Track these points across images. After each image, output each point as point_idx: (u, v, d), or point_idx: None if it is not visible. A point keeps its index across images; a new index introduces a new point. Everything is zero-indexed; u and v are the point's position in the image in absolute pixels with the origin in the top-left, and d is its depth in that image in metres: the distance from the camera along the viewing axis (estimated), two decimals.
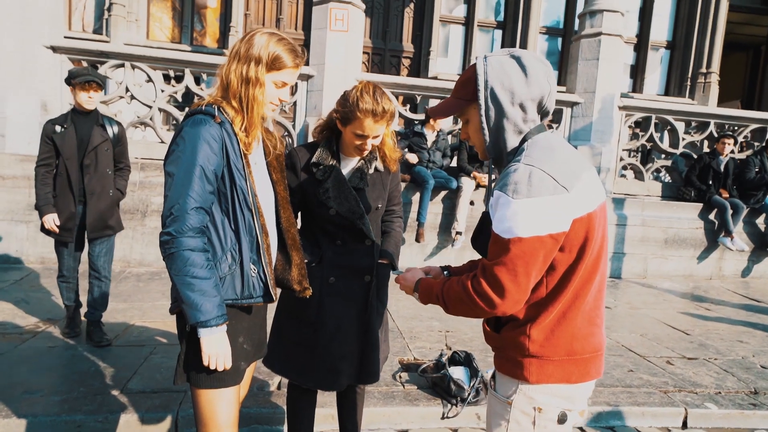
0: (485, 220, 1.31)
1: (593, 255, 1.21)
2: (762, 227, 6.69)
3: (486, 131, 1.25)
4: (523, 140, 1.24)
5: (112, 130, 3.49)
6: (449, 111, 1.33)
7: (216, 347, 1.39)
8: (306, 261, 1.80)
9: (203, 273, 1.37)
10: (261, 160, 1.62)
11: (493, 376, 1.38)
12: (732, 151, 6.95)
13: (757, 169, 6.55)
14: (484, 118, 1.24)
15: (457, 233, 5.72)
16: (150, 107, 5.97)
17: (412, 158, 5.85)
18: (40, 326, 3.64)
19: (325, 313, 1.88)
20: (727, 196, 6.52)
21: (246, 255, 1.48)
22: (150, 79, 5.98)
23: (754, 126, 7.57)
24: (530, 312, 1.23)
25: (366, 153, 1.87)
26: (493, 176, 1.49)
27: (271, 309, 1.82)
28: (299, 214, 1.99)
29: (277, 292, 1.57)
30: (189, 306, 1.36)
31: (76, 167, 3.34)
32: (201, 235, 1.40)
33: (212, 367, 1.40)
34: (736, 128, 7.60)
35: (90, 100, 3.35)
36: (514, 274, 1.13)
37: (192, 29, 8.37)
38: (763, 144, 7.42)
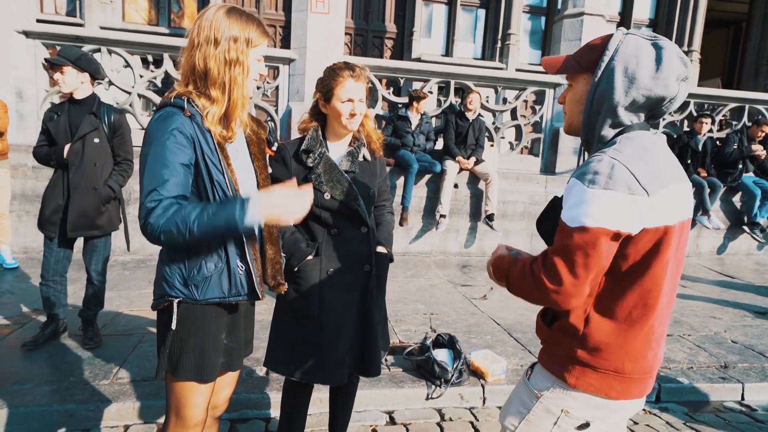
0: (554, 205, 1.26)
1: (661, 273, 1.13)
2: (738, 205, 6.86)
3: (587, 107, 1.16)
4: (621, 132, 1.15)
5: (107, 119, 3.17)
6: (562, 68, 1.21)
7: (279, 206, 1.35)
8: (288, 253, 1.83)
9: (201, 212, 1.29)
10: (243, 147, 1.59)
11: (532, 366, 1.35)
12: (710, 130, 7.07)
13: (735, 146, 6.68)
14: (591, 94, 1.15)
15: (441, 216, 5.78)
16: (129, 93, 5.87)
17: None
18: (28, 317, 3.64)
19: (327, 306, 1.90)
20: (705, 174, 6.66)
21: (232, 252, 1.47)
22: (128, 64, 5.86)
23: (732, 105, 7.70)
24: (586, 312, 1.17)
25: (356, 122, 1.88)
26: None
27: (268, 308, 1.86)
28: None
29: (263, 290, 1.56)
30: (227, 231, 1.32)
31: (75, 160, 3.07)
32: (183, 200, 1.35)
33: (295, 208, 1.36)
34: (715, 107, 7.73)
35: (57, 82, 3.05)
36: (571, 264, 1.08)
37: (169, 11, 8.17)
38: (743, 122, 7.57)
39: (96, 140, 3.12)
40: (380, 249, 2.02)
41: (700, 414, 3.01)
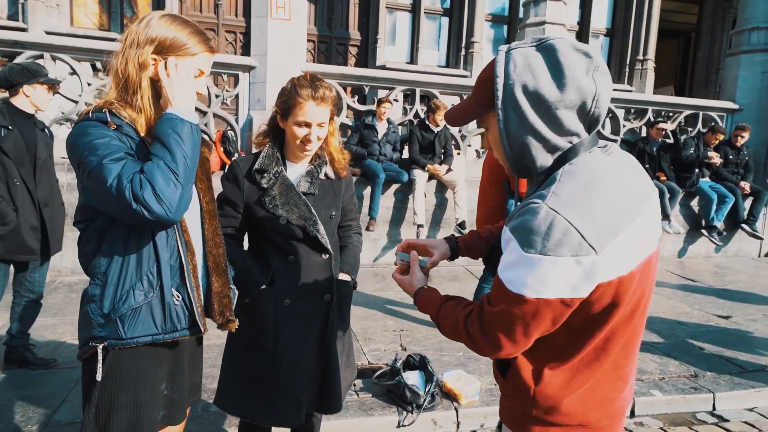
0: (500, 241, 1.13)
1: (622, 318, 0.99)
2: (696, 209, 7.04)
3: (507, 147, 0.98)
4: (562, 159, 0.97)
5: (49, 133, 3.13)
6: (465, 118, 1.09)
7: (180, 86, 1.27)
8: (239, 282, 1.64)
9: (163, 152, 1.20)
10: None
11: (500, 426, 1.21)
12: (666, 136, 7.25)
13: (692, 150, 6.86)
14: (503, 132, 0.96)
15: (419, 226, 5.67)
16: (76, 102, 5.50)
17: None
18: None
19: (282, 340, 1.72)
20: (665, 179, 6.81)
21: (166, 279, 1.28)
22: (74, 72, 5.50)
23: (687, 112, 7.95)
24: (536, 366, 1.04)
25: (312, 149, 1.72)
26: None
27: (213, 331, 1.66)
28: (245, 235, 1.83)
29: (206, 322, 1.37)
30: (186, 134, 1.23)
31: (32, 177, 2.91)
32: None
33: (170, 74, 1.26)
34: (671, 114, 7.95)
35: (41, 102, 2.98)
36: (511, 333, 0.96)
37: (122, 15, 7.79)
38: (698, 128, 7.81)
39: (50, 156, 3.09)
40: (343, 276, 1.84)
41: (675, 428, 2.97)
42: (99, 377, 1.23)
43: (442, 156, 5.91)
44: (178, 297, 1.30)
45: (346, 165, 1.88)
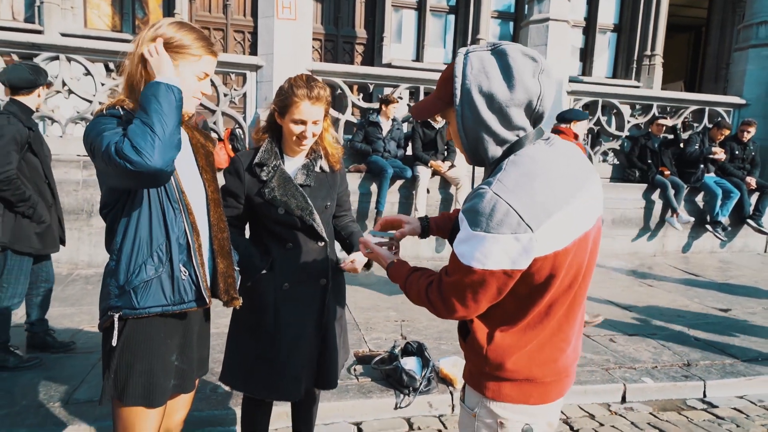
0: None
1: (562, 288, 1.13)
2: (701, 204, 7.06)
3: (464, 139, 1.13)
4: (509, 150, 1.11)
5: None
6: (429, 112, 1.22)
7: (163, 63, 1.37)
8: (241, 268, 1.78)
9: (141, 113, 1.31)
10: (190, 160, 1.57)
11: (464, 387, 1.36)
12: (668, 131, 7.26)
13: (697, 146, 6.88)
14: (461, 126, 1.11)
15: None
16: (90, 102, 5.71)
17: None
18: None
19: (282, 321, 1.87)
20: (668, 173, 6.83)
21: (175, 255, 1.42)
22: (88, 72, 5.70)
23: (693, 107, 7.94)
24: (489, 330, 1.19)
25: (307, 144, 1.86)
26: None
27: (221, 320, 1.80)
28: (246, 224, 1.97)
29: (210, 295, 1.52)
30: (165, 99, 1.31)
31: (50, 172, 3.14)
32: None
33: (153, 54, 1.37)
34: (677, 110, 7.96)
35: (41, 102, 3.16)
36: (463, 299, 1.12)
37: (133, 17, 8.00)
38: (703, 124, 7.81)
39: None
40: (342, 265, 1.97)
41: (664, 413, 3.06)
42: (114, 343, 1.38)
43: (445, 152, 6.02)
44: (186, 272, 1.44)
45: (340, 158, 2.02)
